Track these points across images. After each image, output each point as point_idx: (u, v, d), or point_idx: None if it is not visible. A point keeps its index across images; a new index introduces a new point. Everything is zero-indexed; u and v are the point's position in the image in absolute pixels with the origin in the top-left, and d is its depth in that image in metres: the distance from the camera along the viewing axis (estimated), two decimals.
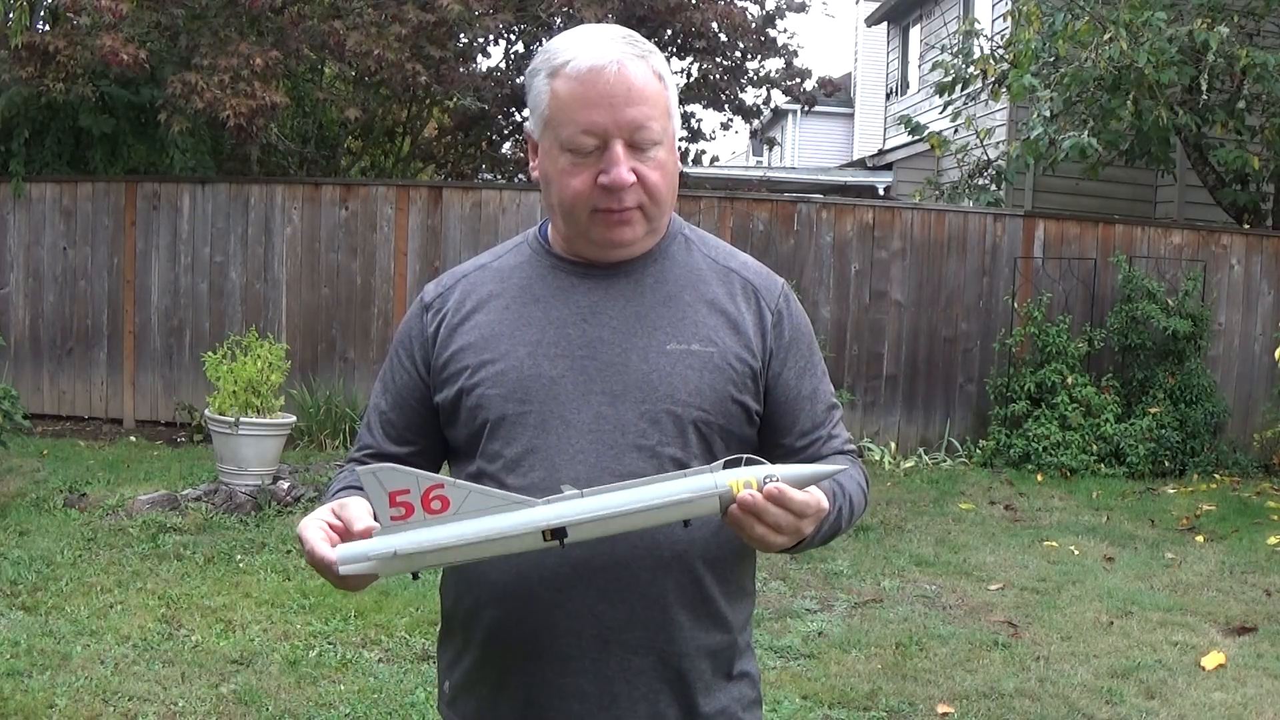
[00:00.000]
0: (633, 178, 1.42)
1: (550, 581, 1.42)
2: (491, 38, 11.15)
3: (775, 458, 1.55)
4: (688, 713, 1.49)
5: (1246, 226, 9.62)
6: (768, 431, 1.56)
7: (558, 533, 1.26)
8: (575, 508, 1.27)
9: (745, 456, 1.33)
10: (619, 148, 1.42)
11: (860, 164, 17.38)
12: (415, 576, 1.33)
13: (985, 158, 11.05)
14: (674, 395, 1.45)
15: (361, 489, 1.45)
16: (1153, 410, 8.50)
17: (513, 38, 11.47)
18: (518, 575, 1.42)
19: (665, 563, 1.43)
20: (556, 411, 1.40)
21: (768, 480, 1.30)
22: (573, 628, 1.42)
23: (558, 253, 1.55)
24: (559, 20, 10.10)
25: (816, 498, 1.33)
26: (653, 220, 1.49)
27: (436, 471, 1.51)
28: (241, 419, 6.47)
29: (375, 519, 1.31)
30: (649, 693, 1.47)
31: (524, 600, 1.43)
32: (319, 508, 1.40)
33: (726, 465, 1.31)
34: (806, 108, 13.50)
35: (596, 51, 1.43)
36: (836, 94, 14.62)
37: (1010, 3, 10.42)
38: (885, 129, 18.70)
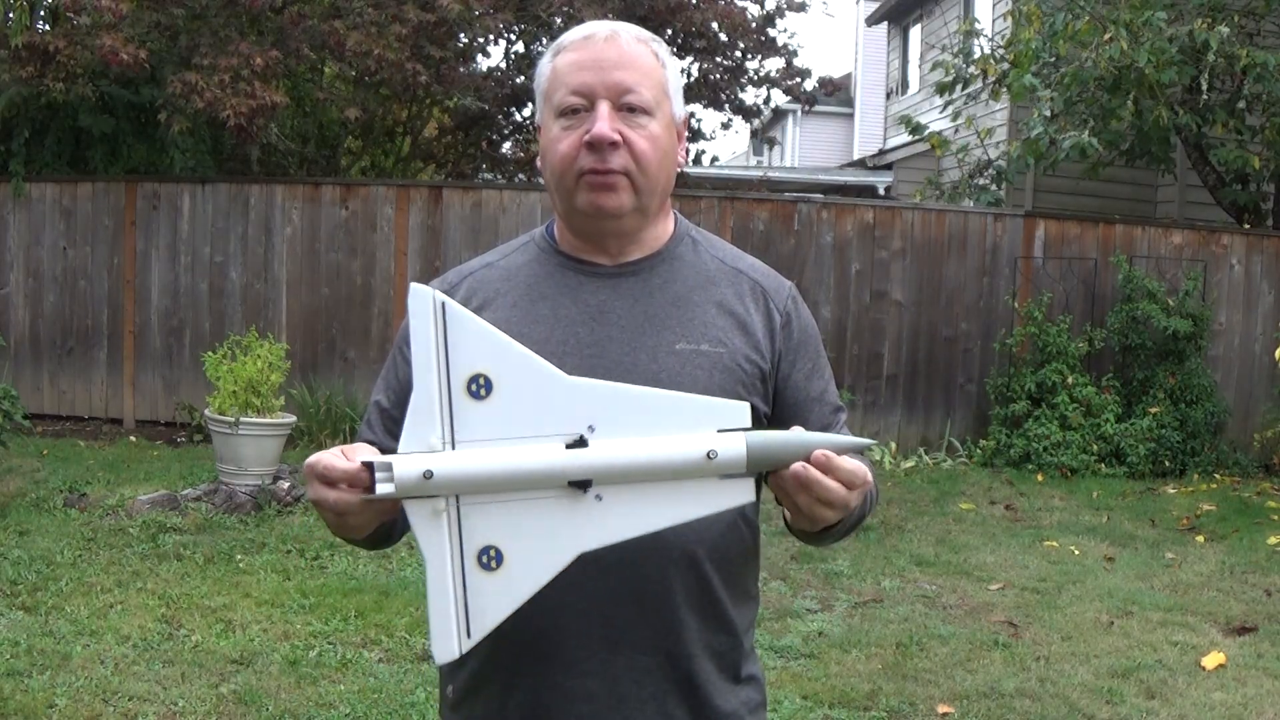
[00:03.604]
0: (616, 135, 1.43)
1: (557, 582, 1.40)
2: (491, 38, 11.14)
3: None
4: (696, 714, 1.49)
5: (1246, 226, 9.62)
6: None
7: (583, 483, 1.24)
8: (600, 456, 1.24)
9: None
10: (604, 106, 1.43)
11: (860, 164, 17.38)
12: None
13: (985, 158, 11.05)
14: None
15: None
16: (1153, 410, 8.50)
17: (513, 38, 11.47)
18: None
19: (673, 562, 1.43)
20: None
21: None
22: (581, 629, 1.42)
23: (565, 251, 1.55)
24: (559, 20, 10.09)
25: (861, 466, 1.29)
26: (642, 194, 1.47)
27: None
28: (241, 419, 6.47)
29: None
30: (657, 693, 1.46)
31: (531, 602, 1.42)
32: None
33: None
34: (807, 107, 13.51)
35: (594, 26, 1.48)
36: (837, 94, 14.64)
37: (1010, 3, 10.42)
38: (885, 129, 18.69)
